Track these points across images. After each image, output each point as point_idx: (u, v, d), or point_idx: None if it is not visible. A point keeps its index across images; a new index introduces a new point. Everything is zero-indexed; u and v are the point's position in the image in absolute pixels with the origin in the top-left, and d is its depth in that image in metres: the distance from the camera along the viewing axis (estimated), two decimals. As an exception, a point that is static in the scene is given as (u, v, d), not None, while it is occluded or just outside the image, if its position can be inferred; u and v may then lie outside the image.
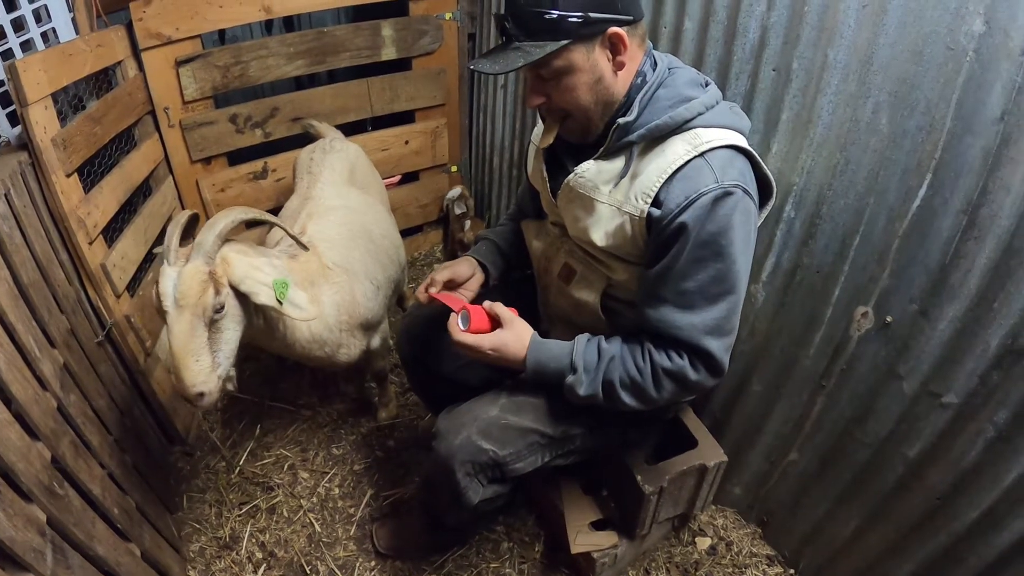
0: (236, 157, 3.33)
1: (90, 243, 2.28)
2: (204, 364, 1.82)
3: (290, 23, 3.94)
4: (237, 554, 2.46)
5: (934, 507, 1.82)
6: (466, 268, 2.09)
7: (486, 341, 1.75)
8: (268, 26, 3.87)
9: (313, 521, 2.58)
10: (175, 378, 1.80)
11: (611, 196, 1.65)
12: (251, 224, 2.81)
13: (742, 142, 1.60)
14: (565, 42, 1.49)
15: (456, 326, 1.78)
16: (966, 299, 1.62)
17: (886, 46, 1.63)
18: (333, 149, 2.88)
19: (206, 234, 1.82)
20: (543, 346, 1.76)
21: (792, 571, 2.39)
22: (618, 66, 1.58)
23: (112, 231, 2.58)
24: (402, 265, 2.88)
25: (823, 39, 1.77)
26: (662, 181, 1.56)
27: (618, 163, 1.65)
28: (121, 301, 2.46)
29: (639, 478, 2.09)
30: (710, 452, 2.22)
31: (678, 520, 2.47)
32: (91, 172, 2.50)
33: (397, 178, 3.93)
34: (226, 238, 1.89)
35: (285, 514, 2.61)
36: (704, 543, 2.50)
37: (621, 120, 1.61)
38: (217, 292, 1.82)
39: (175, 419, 2.78)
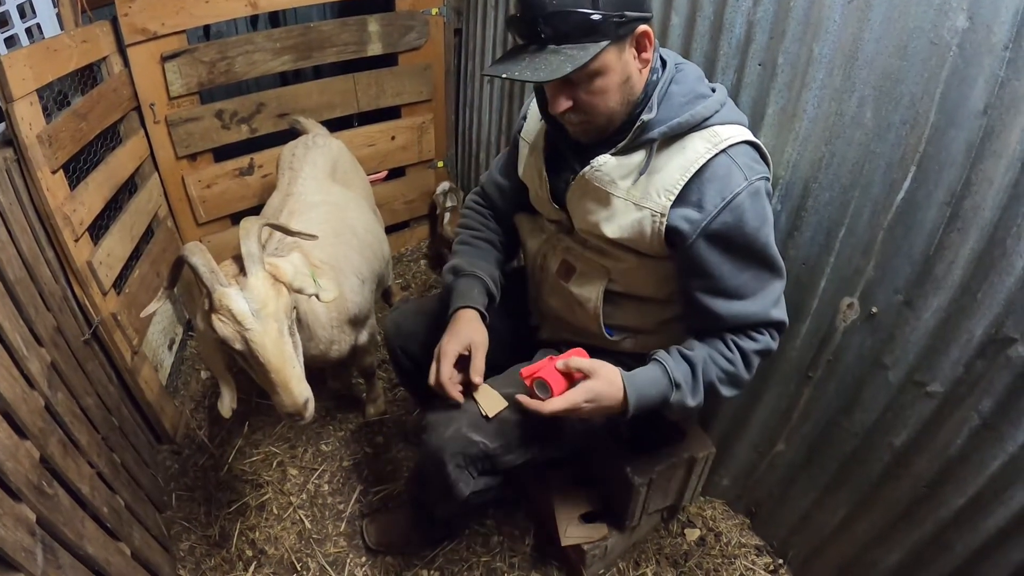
0: (222, 153, 3.31)
1: (76, 240, 2.28)
2: (300, 371, 1.80)
3: (276, 19, 3.94)
4: (227, 552, 2.46)
5: (921, 495, 1.84)
6: (480, 335, 1.90)
7: (579, 396, 1.62)
8: (253, 21, 3.87)
9: (303, 518, 2.59)
10: (280, 393, 1.74)
11: (629, 192, 1.66)
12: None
13: (751, 136, 1.65)
14: (605, 43, 1.46)
15: (534, 400, 1.67)
16: (950, 289, 1.63)
17: (871, 41, 1.64)
18: (315, 145, 2.87)
19: (250, 244, 1.76)
20: (636, 378, 1.67)
21: (780, 561, 2.41)
22: (643, 63, 1.58)
23: (98, 228, 2.58)
24: (386, 259, 2.88)
25: (808, 34, 1.77)
26: (686, 179, 1.59)
27: (636, 158, 1.66)
28: (108, 299, 2.46)
29: (628, 470, 2.10)
30: (698, 443, 2.23)
31: (667, 512, 2.49)
32: (77, 169, 2.49)
33: (383, 174, 3.92)
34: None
35: (275, 511, 2.61)
36: (693, 534, 2.52)
37: (645, 117, 1.60)
38: (289, 292, 1.81)
39: (163, 417, 2.78)
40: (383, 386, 3.13)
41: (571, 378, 1.67)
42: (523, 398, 1.67)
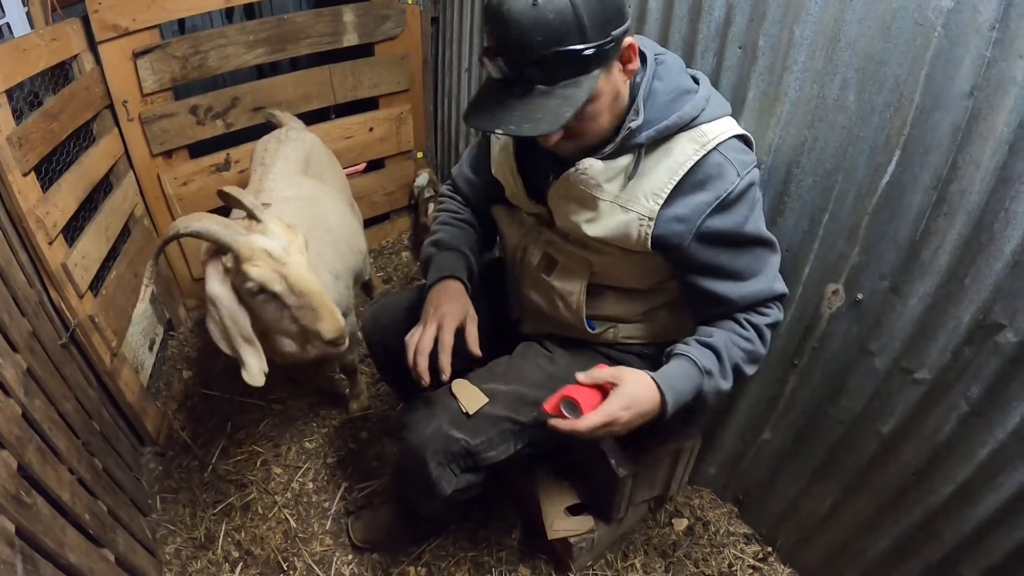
0: (198, 149, 3.27)
1: (50, 243, 2.24)
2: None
3: (251, 11, 3.87)
4: (213, 554, 2.44)
5: (909, 483, 1.83)
6: (471, 308, 1.88)
7: (615, 404, 1.50)
8: (229, 14, 3.81)
9: (288, 517, 2.56)
10: (323, 319, 1.84)
11: (616, 196, 1.62)
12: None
13: (739, 128, 1.63)
14: (597, 71, 1.40)
15: (568, 419, 1.52)
16: (937, 275, 1.62)
17: (853, 22, 1.61)
18: (288, 139, 2.85)
19: (248, 198, 1.89)
20: (666, 374, 1.58)
21: (769, 548, 2.41)
22: (629, 74, 1.51)
23: (73, 229, 2.54)
24: (363, 253, 2.85)
25: (789, 16, 1.75)
26: (675, 182, 1.56)
27: (623, 161, 1.61)
28: (84, 301, 2.42)
29: (613, 461, 2.08)
30: (683, 433, 2.22)
31: (654, 502, 2.47)
32: (49, 170, 2.45)
33: (362, 166, 3.89)
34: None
35: (260, 511, 2.59)
36: (681, 524, 2.51)
37: (631, 124, 1.55)
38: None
39: (145, 419, 2.75)
40: (366, 381, 3.10)
41: (601, 392, 1.56)
42: (556, 421, 1.53)
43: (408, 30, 3.57)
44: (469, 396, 1.83)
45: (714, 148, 1.55)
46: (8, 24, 2.35)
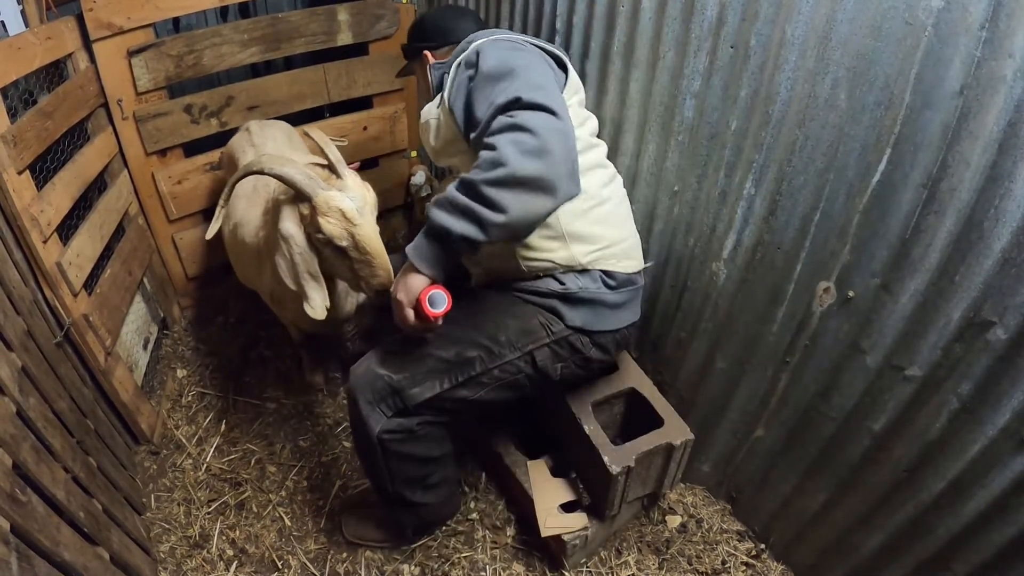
0: (192, 148, 3.27)
1: (44, 241, 2.24)
2: None
3: (245, 10, 3.87)
4: (208, 552, 2.44)
5: (901, 479, 1.84)
6: None
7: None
8: (223, 13, 3.80)
9: (283, 515, 2.57)
10: (379, 275, 1.93)
11: (436, 106, 2.08)
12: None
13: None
14: (410, 64, 2.53)
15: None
16: (927, 273, 1.62)
17: (844, 21, 1.62)
18: (268, 124, 2.94)
19: (334, 149, 2.04)
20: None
21: (763, 546, 2.41)
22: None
23: (67, 228, 2.53)
24: None
25: (781, 15, 1.76)
26: (451, 75, 2.02)
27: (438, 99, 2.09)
28: (79, 300, 2.41)
29: (606, 458, 2.09)
30: (676, 430, 2.22)
31: (648, 499, 2.48)
32: (43, 168, 2.44)
33: (356, 165, 3.87)
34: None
35: (254, 509, 2.59)
36: (674, 521, 2.52)
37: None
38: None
39: (139, 418, 2.75)
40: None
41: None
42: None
43: (402, 29, 3.55)
44: None
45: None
46: (3, 22, 2.34)
